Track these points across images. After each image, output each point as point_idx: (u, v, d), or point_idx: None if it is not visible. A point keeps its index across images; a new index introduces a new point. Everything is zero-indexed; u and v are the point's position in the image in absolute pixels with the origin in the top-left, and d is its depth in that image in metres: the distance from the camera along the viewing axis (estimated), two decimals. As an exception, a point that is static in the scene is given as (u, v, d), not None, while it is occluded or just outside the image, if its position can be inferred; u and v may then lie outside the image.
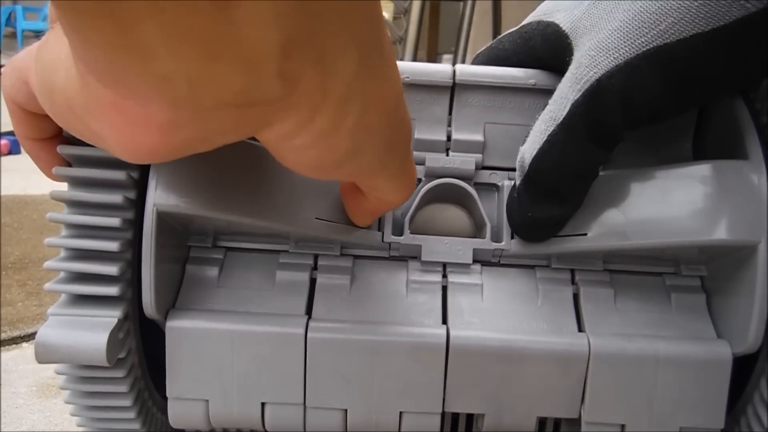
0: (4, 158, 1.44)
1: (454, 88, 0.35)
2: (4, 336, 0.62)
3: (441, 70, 0.35)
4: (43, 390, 0.53)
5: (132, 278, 0.30)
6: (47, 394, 0.52)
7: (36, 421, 0.48)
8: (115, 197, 0.29)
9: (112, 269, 0.28)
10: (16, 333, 0.63)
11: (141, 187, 0.30)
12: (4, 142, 1.47)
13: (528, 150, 0.30)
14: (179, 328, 0.30)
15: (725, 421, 0.31)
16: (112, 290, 0.29)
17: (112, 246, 0.29)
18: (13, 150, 1.48)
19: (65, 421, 0.48)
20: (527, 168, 0.30)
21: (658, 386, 0.30)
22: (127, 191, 0.29)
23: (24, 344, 0.61)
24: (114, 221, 0.29)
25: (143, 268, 0.29)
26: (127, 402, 0.31)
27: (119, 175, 0.29)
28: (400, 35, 1.51)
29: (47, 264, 0.29)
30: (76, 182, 0.29)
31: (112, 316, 0.29)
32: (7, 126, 1.63)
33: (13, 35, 4.94)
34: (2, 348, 0.60)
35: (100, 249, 0.29)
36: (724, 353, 0.30)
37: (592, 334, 0.31)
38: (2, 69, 0.25)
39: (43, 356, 0.28)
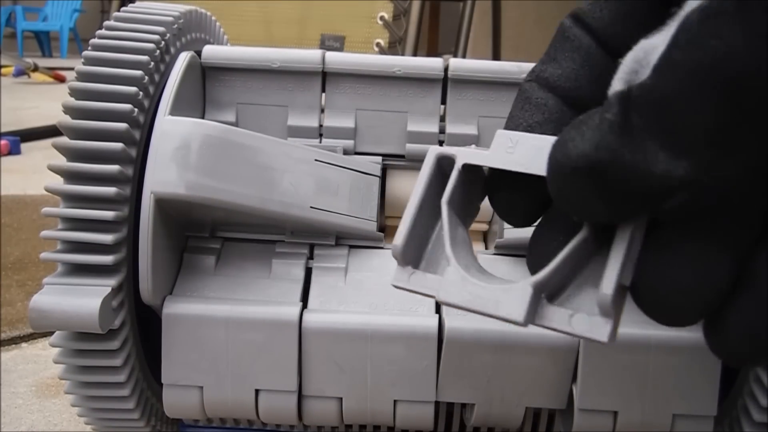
0: (4, 158, 1.44)
1: (446, 82, 0.36)
2: (3, 336, 0.62)
3: (433, 64, 0.35)
4: (42, 390, 0.53)
5: (128, 258, 0.31)
6: (46, 394, 0.52)
7: (35, 421, 0.48)
8: (112, 168, 0.30)
9: (106, 238, 0.29)
10: (15, 333, 0.63)
11: (138, 175, 0.31)
12: (4, 142, 1.46)
13: (655, 52, 0.16)
14: (175, 314, 0.31)
15: (719, 410, 0.31)
16: (107, 259, 0.29)
17: (108, 215, 0.29)
18: (13, 150, 1.48)
19: (64, 421, 0.48)
20: (651, 74, 0.15)
21: (651, 372, 0.30)
22: (124, 165, 0.30)
23: (23, 344, 0.61)
24: (110, 191, 0.29)
25: (140, 254, 0.30)
26: (120, 378, 0.31)
27: (115, 147, 0.30)
28: (400, 35, 1.52)
29: (43, 233, 0.29)
30: (73, 155, 0.30)
31: (105, 285, 0.29)
32: (7, 126, 1.64)
33: (13, 35, 4.96)
34: (2, 348, 0.60)
35: (95, 218, 0.29)
36: None
37: None
38: None
39: (37, 322, 0.28)
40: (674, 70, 0.14)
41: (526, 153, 0.17)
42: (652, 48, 0.16)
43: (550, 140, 0.16)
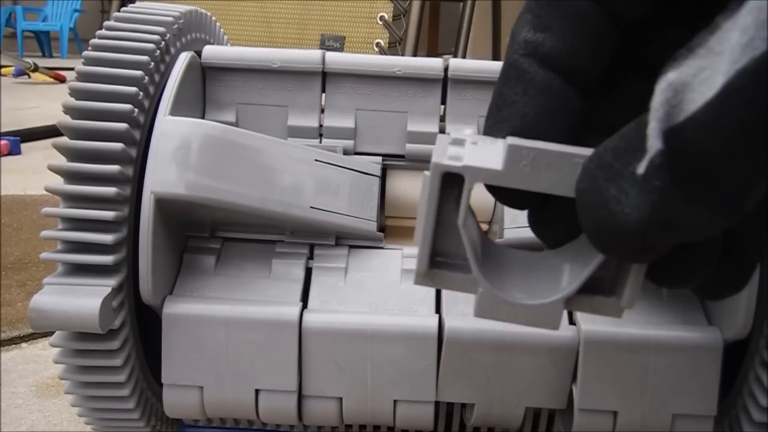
0: (4, 158, 1.44)
1: (446, 82, 0.36)
2: (3, 336, 0.62)
3: (433, 64, 0.36)
4: (42, 390, 0.53)
5: (128, 258, 0.31)
6: (46, 394, 0.52)
7: (35, 421, 0.49)
8: (112, 168, 0.30)
9: (106, 238, 0.29)
10: (15, 333, 0.63)
11: (138, 175, 0.31)
12: (4, 142, 1.47)
13: (688, 91, 0.14)
14: (175, 314, 0.31)
15: (719, 410, 0.31)
16: (107, 259, 0.29)
17: (108, 215, 0.29)
18: (13, 150, 1.48)
19: (64, 421, 0.49)
20: (692, 127, 0.14)
21: (650, 372, 0.30)
22: (124, 165, 0.30)
23: (23, 344, 0.61)
24: (110, 191, 0.29)
25: (140, 254, 0.30)
26: (120, 378, 0.31)
27: (116, 147, 0.30)
28: (400, 36, 1.52)
29: (43, 233, 0.29)
30: (73, 155, 0.30)
31: (106, 285, 0.29)
32: (7, 126, 1.64)
33: (13, 35, 4.96)
34: (2, 348, 0.60)
35: (95, 218, 0.29)
36: (715, 339, 0.30)
37: (585, 321, 0.31)
38: None
39: (37, 322, 0.28)
40: (724, 132, 0.14)
41: (546, 170, 0.17)
42: (681, 86, 0.15)
43: (570, 155, 0.16)
